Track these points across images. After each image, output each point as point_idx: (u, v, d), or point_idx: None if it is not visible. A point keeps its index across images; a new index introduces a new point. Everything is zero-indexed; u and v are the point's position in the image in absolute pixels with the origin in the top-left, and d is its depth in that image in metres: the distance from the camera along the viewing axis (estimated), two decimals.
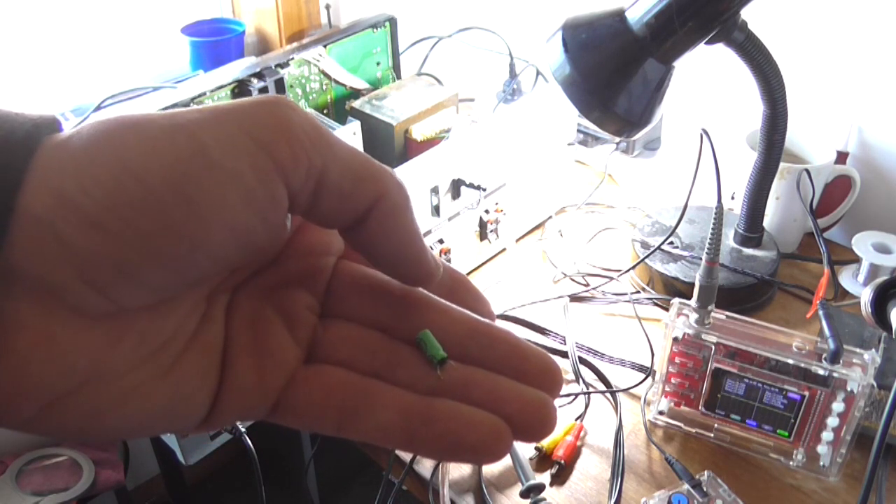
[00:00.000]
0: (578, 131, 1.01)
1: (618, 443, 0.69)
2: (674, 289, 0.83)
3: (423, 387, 0.22)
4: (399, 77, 1.08)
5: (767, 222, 0.86)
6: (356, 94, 1.00)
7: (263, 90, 0.90)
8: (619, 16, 0.67)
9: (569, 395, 0.74)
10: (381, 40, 1.04)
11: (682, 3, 0.64)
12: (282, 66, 0.93)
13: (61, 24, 1.17)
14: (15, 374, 0.18)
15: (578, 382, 0.75)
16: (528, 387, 0.22)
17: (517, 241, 0.95)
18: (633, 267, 0.86)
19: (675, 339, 0.65)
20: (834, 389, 0.61)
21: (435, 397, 0.22)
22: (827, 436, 0.63)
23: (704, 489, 0.63)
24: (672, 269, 0.83)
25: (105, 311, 0.19)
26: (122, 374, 0.20)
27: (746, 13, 0.67)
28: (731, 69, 0.88)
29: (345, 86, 1.00)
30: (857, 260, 0.84)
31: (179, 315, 0.21)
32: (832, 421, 0.62)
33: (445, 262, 0.25)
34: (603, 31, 0.67)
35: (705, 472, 0.64)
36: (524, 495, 0.64)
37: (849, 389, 0.61)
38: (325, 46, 0.98)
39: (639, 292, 0.86)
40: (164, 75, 1.15)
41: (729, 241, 0.86)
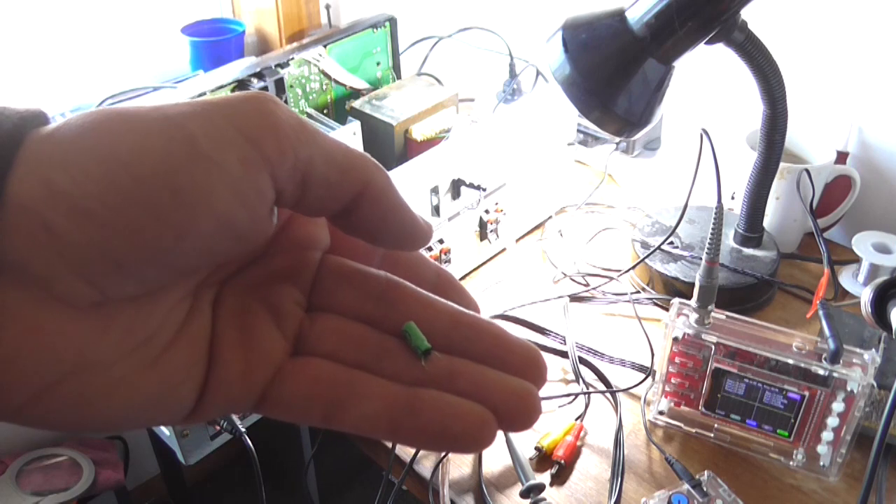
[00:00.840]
0: (578, 131, 1.01)
1: (618, 443, 0.69)
2: (674, 289, 0.83)
3: (408, 378, 0.23)
4: (399, 77, 1.07)
5: (767, 222, 0.86)
6: (356, 94, 1.00)
7: (263, 90, 0.90)
8: (619, 16, 0.67)
9: (569, 395, 0.74)
10: (381, 40, 1.04)
11: (682, 3, 0.64)
12: (282, 66, 0.93)
13: (61, 23, 1.17)
14: (3, 363, 0.18)
15: (578, 382, 0.75)
16: (512, 377, 0.23)
17: (517, 241, 0.95)
18: (633, 267, 0.86)
19: (675, 339, 0.65)
20: (834, 389, 0.61)
21: (420, 388, 0.22)
22: (827, 436, 0.63)
23: (704, 489, 0.63)
24: (672, 269, 0.83)
25: (92, 301, 0.19)
26: (109, 364, 0.20)
27: (746, 13, 0.67)
28: (731, 69, 0.88)
29: (345, 86, 1.00)
30: (857, 260, 0.84)
31: (166, 307, 0.21)
32: (832, 421, 0.62)
33: (441, 262, 0.25)
34: (603, 31, 0.67)
35: (705, 472, 0.64)
36: (524, 495, 0.64)
37: (849, 389, 0.61)
38: (325, 46, 0.98)
39: (639, 292, 0.86)
40: (164, 75, 1.16)
41: (729, 241, 0.86)
